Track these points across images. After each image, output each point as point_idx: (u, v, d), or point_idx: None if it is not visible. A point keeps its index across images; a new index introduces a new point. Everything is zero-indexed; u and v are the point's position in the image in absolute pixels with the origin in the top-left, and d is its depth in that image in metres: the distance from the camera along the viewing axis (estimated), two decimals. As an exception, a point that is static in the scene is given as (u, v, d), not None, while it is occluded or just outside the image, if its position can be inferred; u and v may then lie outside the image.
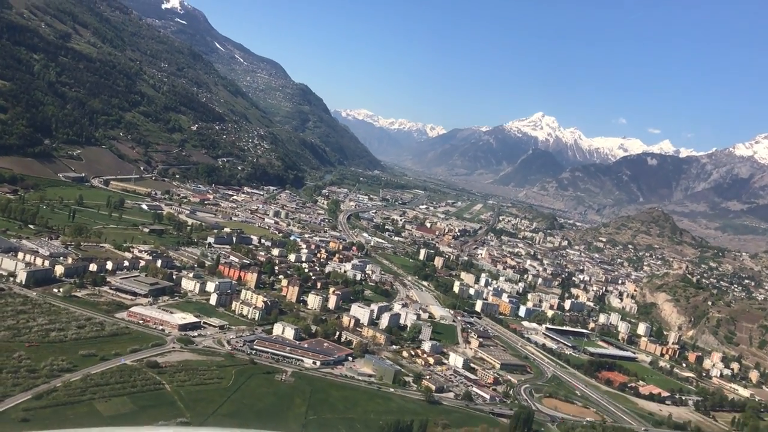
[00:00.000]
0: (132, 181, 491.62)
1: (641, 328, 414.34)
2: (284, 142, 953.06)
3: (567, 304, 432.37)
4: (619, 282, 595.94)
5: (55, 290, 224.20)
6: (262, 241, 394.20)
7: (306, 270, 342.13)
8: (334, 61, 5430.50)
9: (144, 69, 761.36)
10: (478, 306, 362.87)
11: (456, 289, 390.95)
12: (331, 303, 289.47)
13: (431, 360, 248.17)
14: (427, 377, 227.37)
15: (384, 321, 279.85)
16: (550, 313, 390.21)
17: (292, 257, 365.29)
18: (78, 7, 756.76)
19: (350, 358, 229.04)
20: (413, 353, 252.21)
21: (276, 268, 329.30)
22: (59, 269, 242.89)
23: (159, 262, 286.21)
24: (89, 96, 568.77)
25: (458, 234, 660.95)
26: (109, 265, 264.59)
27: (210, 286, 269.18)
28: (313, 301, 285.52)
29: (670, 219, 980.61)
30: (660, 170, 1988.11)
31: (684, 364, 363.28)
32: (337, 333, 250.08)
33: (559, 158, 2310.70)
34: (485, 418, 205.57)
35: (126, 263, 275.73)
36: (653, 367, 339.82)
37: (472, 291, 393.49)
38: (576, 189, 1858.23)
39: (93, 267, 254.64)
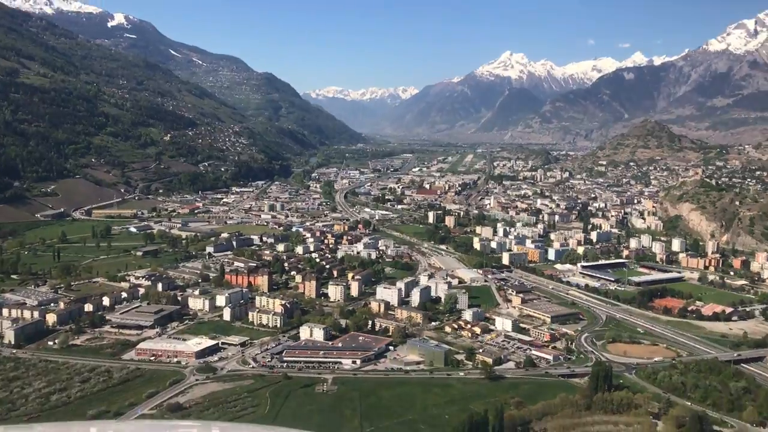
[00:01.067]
0: (115, 205, 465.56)
1: (676, 245, 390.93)
2: (262, 135, 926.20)
3: (593, 236, 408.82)
4: (635, 202, 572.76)
5: (50, 343, 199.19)
6: (264, 238, 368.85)
7: (317, 260, 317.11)
8: (292, 44, 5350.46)
9: (102, 90, 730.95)
10: (505, 259, 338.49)
11: (477, 246, 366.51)
12: (354, 290, 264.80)
13: (477, 330, 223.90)
14: (480, 350, 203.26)
15: (415, 297, 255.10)
16: (580, 250, 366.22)
17: (299, 250, 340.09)
18: (20, 41, 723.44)
19: (391, 348, 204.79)
20: (456, 326, 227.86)
21: (286, 264, 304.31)
22: (51, 318, 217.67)
23: (160, 286, 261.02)
24: (51, 128, 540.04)
25: (459, 189, 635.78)
26: (106, 301, 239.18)
27: (220, 300, 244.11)
28: (334, 292, 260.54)
29: (665, 128, 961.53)
30: (638, 83, 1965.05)
31: (732, 272, 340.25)
32: (369, 322, 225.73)
33: (536, 93, 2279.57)
34: (558, 384, 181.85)
35: (124, 295, 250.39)
36: (703, 283, 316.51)
37: (494, 244, 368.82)
38: (560, 120, 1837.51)
39: (88, 307, 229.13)
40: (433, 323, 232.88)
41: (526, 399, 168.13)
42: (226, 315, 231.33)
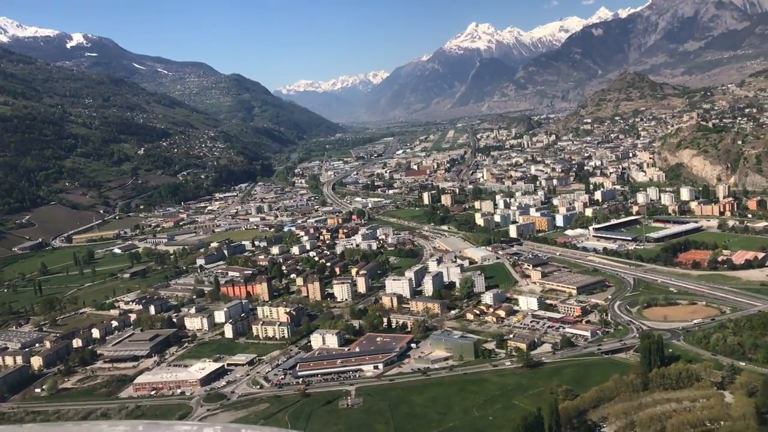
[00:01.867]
0: (95, 228, 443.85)
1: (684, 194, 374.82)
2: (238, 137, 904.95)
3: (597, 196, 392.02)
4: (630, 156, 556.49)
5: (38, 390, 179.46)
6: (256, 242, 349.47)
7: (316, 259, 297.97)
8: (256, 42, 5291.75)
9: (68, 111, 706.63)
10: (512, 231, 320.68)
11: (480, 222, 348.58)
12: (361, 286, 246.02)
13: (501, 313, 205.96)
14: (510, 336, 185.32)
15: (427, 286, 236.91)
16: (588, 212, 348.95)
17: (295, 250, 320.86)
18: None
19: (413, 345, 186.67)
20: (477, 312, 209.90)
21: (284, 267, 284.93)
22: (37, 361, 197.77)
23: (152, 309, 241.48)
24: (18, 156, 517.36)
25: (448, 166, 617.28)
26: (96, 333, 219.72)
27: (219, 316, 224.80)
28: (340, 291, 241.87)
29: (645, 78, 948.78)
30: (608, 38, 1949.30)
31: (750, 215, 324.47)
32: (384, 320, 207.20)
33: (507, 61, 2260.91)
34: (603, 364, 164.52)
35: (115, 323, 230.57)
36: (723, 230, 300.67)
37: (497, 218, 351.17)
38: (535, 84, 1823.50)
39: (77, 343, 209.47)
40: (453, 312, 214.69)
41: (574, 385, 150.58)
42: (228, 332, 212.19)
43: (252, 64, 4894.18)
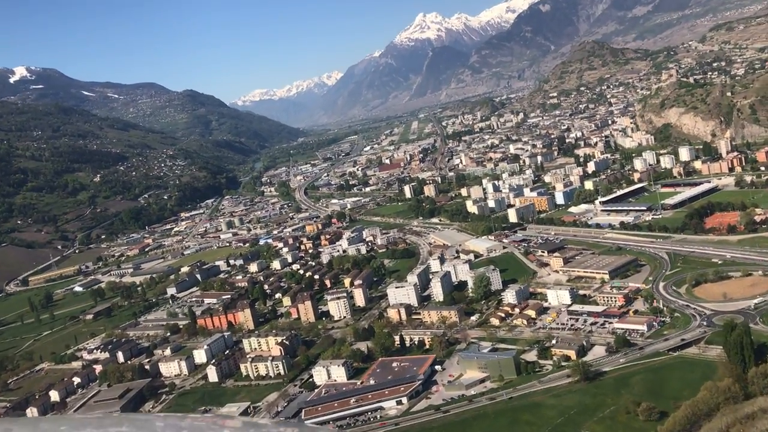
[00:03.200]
0: (53, 266, 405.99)
1: (684, 154, 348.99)
2: (198, 152, 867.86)
3: (590, 167, 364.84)
4: (610, 123, 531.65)
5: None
6: (231, 261, 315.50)
7: (301, 272, 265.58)
8: (205, 56, 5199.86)
9: (14, 145, 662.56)
10: (512, 215, 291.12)
11: (472, 209, 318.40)
12: (359, 299, 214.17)
13: (531, 312, 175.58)
14: (552, 341, 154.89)
15: (436, 290, 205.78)
16: (588, 185, 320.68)
17: (276, 265, 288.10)
18: None
19: (438, 367, 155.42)
20: (502, 315, 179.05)
21: (266, 287, 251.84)
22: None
23: (120, 355, 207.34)
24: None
25: (422, 156, 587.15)
26: (55, 395, 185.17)
27: (199, 356, 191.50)
28: (336, 308, 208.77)
29: (604, 45, 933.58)
30: (556, 12, 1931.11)
31: (763, 167, 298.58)
32: (396, 337, 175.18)
33: (459, 48, 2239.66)
34: (677, 365, 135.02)
35: (77, 380, 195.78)
36: (742, 187, 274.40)
37: (491, 203, 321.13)
38: (489, 67, 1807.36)
39: (32, 412, 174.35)
40: (473, 318, 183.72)
41: (651, 399, 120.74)
42: (212, 375, 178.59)
43: (204, 78, 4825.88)
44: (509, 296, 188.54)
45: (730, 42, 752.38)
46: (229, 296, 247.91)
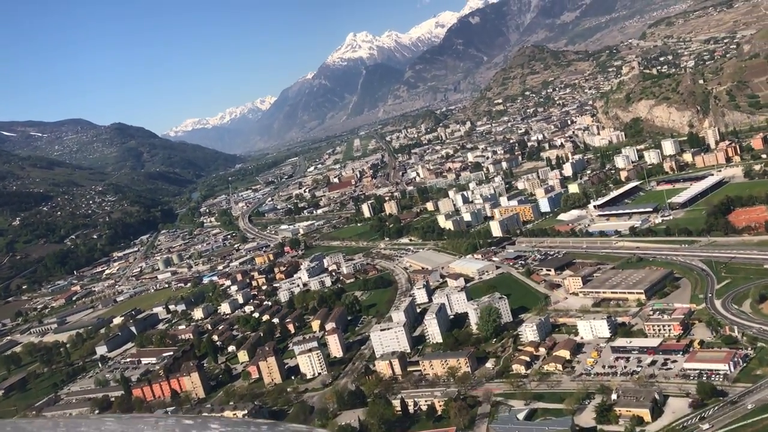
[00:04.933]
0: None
1: (668, 148, 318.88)
2: (130, 186, 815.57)
3: (567, 169, 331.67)
4: (569, 123, 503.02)
5: None
6: (172, 307, 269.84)
7: (256, 315, 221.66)
8: (134, 88, 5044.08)
9: None
10: (495, 229, 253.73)
11: (447, 224, 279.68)
12: (334, 348, 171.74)
13: (564, 353, 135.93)
14: (610, 396, 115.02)
15: (432, 329, 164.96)
16: (572, 188, 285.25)
17: (225, 308, 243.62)
18: None
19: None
20: (528, 359, 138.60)
21: (216, 338, 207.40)
22: None
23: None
24: None
25: (372, 172, 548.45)
26: None
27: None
28: (308, 364, 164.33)
29: (544, 48, 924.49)
30: (486, 24, 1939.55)
31: (765, 155, 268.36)
32: (396, 402, 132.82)
33: (392, 64, 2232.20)
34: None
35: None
36: (752, 178, 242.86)
37: (466, 217, 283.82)
38: (425, 81, 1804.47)
39: None
40: (488, 365, 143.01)
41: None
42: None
43: (133, 110, 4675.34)
44: (528, 332, 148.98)
45: (672, 36, 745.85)
46: (172, 353, 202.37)
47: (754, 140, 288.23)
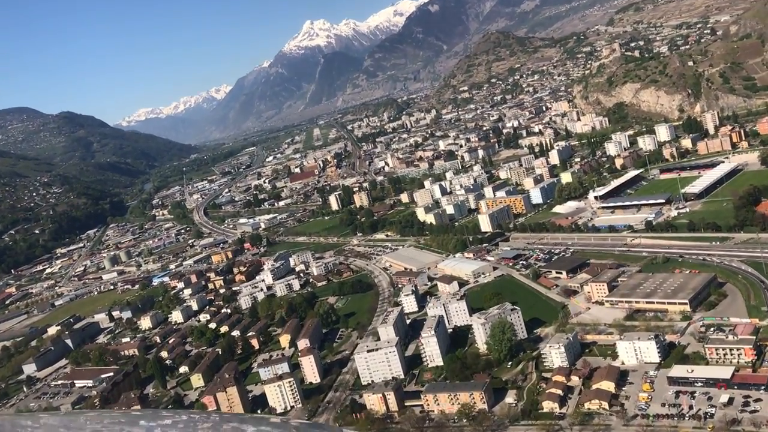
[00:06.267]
0: None
1: (663, 133, 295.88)
2: (77, 177, 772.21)
3: (553, 157, 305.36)
4: (545, 109, 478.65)
5: None
6: (116, 314, 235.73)
7: (213, 326, 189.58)
8: (83, 75, 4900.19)
9: None
10: (484, 223, 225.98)
11: (427, 218, 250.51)
12: (309, 373, 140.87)
13: (608, 386, 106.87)
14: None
15: (430, 349, 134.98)
16: (565, 178, 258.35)
17: (177, 316, 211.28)
18: None
19: None
20: (558, 392, 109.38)
21: (165, 354, 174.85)
22: None
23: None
24: None
25: (336, 162, 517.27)
26: None
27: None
28: (277, 395, 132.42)
29: (509, 35, 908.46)
30: (445, 12, 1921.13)
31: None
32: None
33: (350, 53, 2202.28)
34: None
35: None
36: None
37: (449, 209, 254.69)
38: (384, 70, 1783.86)
39: None
40: (508, 399, 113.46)
41: None
42: None
43: (83, 99, 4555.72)
44: (555, 356, 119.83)
45: (642, 22, 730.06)
46: (112, 374, 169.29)
47: (760, 124, 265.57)
